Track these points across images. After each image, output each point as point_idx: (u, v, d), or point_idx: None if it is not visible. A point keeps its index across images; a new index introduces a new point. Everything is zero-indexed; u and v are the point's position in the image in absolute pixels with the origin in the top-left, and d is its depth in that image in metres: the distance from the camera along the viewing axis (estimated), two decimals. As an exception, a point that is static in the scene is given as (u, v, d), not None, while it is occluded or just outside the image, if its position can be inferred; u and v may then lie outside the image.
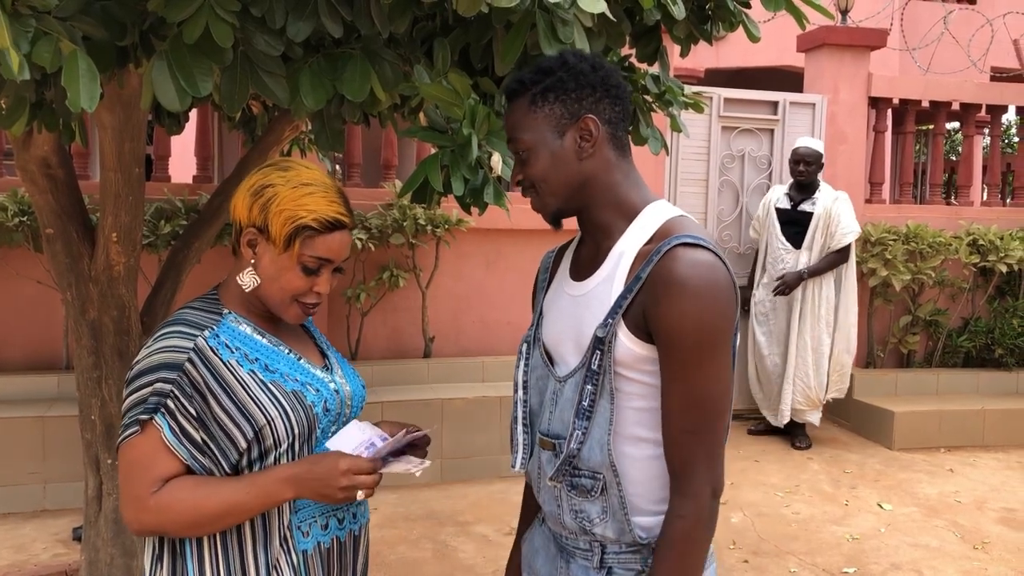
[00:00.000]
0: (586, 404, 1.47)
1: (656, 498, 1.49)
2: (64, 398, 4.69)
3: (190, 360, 1.45)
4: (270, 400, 1.49)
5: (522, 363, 1.63)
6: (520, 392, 1.62)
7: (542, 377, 1.60)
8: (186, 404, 1.44)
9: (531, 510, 1.79)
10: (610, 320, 1.44)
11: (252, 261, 1.54)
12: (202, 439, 1.45)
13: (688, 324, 1.38)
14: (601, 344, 1.45)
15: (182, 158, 6.98)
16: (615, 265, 1.49)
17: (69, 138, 2.66)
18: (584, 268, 1.57)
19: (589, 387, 1.46)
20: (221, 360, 1.48)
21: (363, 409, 1.73)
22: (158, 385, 1.44)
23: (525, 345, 1.65)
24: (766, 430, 6.05)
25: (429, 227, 5.36)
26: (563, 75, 1.48)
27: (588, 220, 1.56)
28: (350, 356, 5.49)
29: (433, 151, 1.76)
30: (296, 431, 1.52)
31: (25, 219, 4.54)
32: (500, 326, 5.87)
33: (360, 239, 5.15)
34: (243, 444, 1.47)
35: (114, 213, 2.83)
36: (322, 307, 5.25)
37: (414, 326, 5.67)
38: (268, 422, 1.48)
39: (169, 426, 1.44)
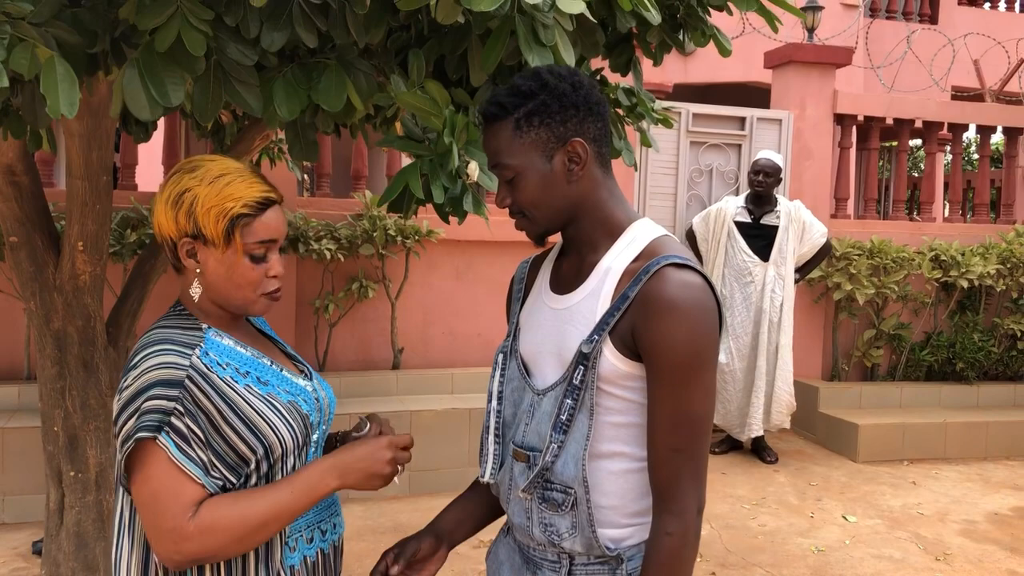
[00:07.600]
0: (564, 418, 1.46)
1: (629, 512, 1.50)
2: (24, 409, 4.60)
3: (189, 377, 1.37)
4: (274, 413, 1.45)
5: (497, 374, 1.62)
6: (494, 403, 1.60)
7: (518, 389, 1.59)
8: (191, 424, 1.36)
9: (472, 503, 1.73)
10: (596, 336, 1.44)
11: (198, 270, 1.48)
12: (208, 459, 1.38)
13: (678, 345, 1.39)
14: (585, 359, 1.44)
15: (149, 166, 6.90)
16: (601, 281, 1.49)
17: (36, 145, 2.62)
18: (566, 282, 1.56)
19: (569, 401, 1.46)
20: (219, 377, 1.41)
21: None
22: (158, 403, 1.35)
23: (501, 356, 1.63)
24: (729, 448, 6.07)
25: (399, 238, 5.34)
26: (545, 98, 1.45)
27: (573, 235, 1.55)
28: (318, 367, 5.45)
29: (408, 161, 1.75)
30: (300, 442, 1.50)
31: (-13, 226, 4.46)
32: (469, 338, 5.86)
33: (329, 249, 5.13)
34: (253, 461, 1.42)
35: (80, 221, 2.79)
36: (289, 318, 5.25)
37: (383, 337, 5.65)
38: (277, 437, 1.44)
39: (175, 444, 1.35)
